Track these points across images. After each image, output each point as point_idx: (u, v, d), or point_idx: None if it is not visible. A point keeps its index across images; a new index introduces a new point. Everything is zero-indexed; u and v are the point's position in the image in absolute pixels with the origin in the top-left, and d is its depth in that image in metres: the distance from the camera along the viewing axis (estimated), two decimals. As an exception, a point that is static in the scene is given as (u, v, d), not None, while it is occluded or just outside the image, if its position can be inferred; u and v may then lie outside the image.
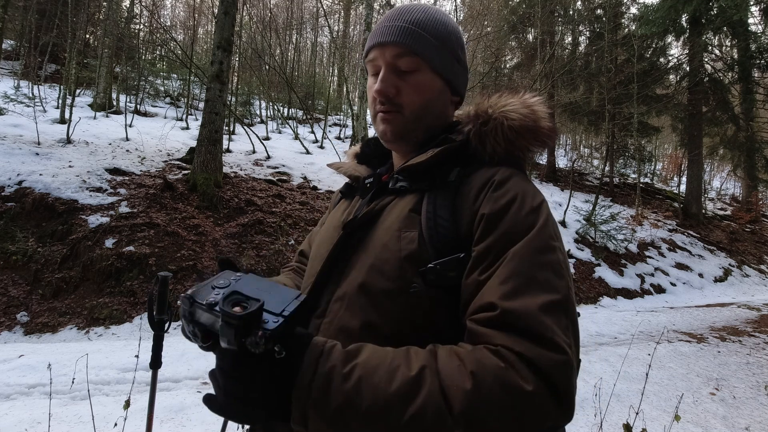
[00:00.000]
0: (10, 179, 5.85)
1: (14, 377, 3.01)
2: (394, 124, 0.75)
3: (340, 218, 0.80)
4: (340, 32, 21.75)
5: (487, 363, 0.49)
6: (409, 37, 0.72)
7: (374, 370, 0.50)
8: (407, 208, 0.68)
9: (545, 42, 14.24)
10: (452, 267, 0.60)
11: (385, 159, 0.89)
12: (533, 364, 0.49)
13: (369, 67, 0.78)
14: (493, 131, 0.70)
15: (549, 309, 0.53)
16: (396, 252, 0.64)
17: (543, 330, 0.51)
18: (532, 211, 0.62)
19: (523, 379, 0.48)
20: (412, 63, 0.73)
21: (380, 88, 0.73)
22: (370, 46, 0.76)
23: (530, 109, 0.71)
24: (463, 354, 0.52)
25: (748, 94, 13.03)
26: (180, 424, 2.55)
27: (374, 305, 0.63)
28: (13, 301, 4.63)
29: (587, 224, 9.54)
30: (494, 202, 0.63)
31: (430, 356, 0.53)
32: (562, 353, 0.51)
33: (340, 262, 0.70)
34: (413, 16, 0.74)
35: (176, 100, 15.06)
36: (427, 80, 0.75)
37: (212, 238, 6.09)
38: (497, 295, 0.54)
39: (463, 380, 0.48)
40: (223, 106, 7.42)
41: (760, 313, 6.96)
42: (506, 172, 0.68)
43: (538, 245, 0.58)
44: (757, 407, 3.35)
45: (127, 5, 15.36)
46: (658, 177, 20.27)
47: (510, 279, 0.55)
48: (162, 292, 1.33)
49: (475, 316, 0.56)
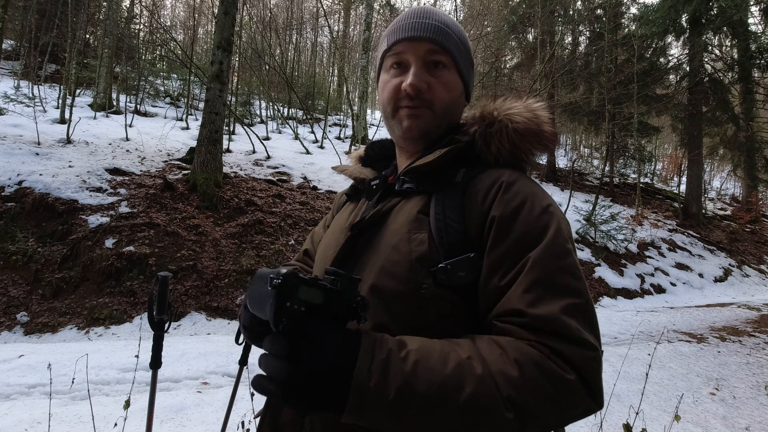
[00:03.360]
0: (10, 179, 5.85)
1: (14, 377, 3.01)
2: (423, 120, 0.74)
3: (346, 221, 0.80)
4: (340, 32, 21.76)
5: (529, 352, 0.53)
6: (442, 36, 0.74)
7: (428, 354, 0.52)
8: (415, 210, 0.69)
9: (545, 42, 14.24)
10: (463, 267, 0.61)
11: (389, 161, 0.89)
12: (569, 360, 0.53)
13: (390, 60, 0.76)
14: (498, 133, 0.71)
15: (573, 312, 0.56)
16: (406, 254, 0.64)
17: (570, 331, 0.54)
18: (543, 212, 0.64)
19: (563, 370, 0.52)
20: (445, 60, 0.74)
21: (415, 82, 0.72)
22: (396, 40, 0.75)
23: (533, 113, 0.73)
24: (503, 343, 0.54)
25: (748, 94, 13.03)
26: (180, 424, 2.55)
27: (385, 307, 0.63)
28: (13, 301, 4.63)
29: (587, 224, 9.54)
30: (505, 204, 0.64)
31: (473, 344, 0.55)
32: (593, 350, 0.55)
33: (348, 265, 0.70)
34: (441, 18, 0.76)
35: (176, 100, 15.06)
36: (454, 80, 0.76)
37: (212, 238, 6.09)
38: (524, 303, 0.56)
39: (508, 367, 0.51)
40: (223, 106, 7.42)
41: (760, 313, 6.96)
42: (514, 174, 0.69)
43: (555, 251, 0.60)
44: (757, 407, 3.35)
45: (127, 5, 15.38)
46: (658, 177, 20.28)
47: (534, 287, 0.57)
48: (162, 292, 1.33)
49: (504, 319, 0.58)
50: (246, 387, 2.14)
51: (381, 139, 0.94)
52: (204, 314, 5.09)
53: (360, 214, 0.78)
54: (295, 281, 0.48)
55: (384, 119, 0.81)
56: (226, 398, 2.77)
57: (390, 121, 0.78)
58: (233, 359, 3.51)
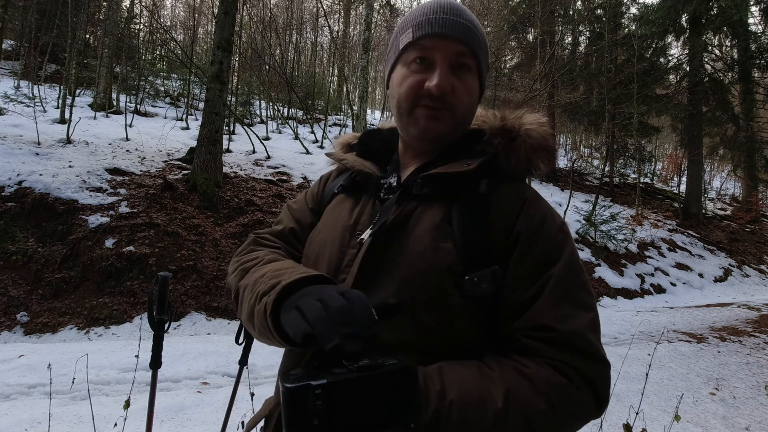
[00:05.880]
0: (10, 179, 5.85)
1: (14, 377, 3.01)
2: (442, 123, 0.71)
3: (348, 217, 0.75)
4: (340, 32, 21.75)
5: (554, 381, 0.57)
6: (472, 38, 0.71)
7: (468, 406, 0.54)
8: (438, 218, 0.67)
9: (545, 42, 14.22)
10: (486, 279, 0.62)
11: (389, 156, 0.83)
12: (587, 377, 0.58)
13: (413, 53, 0.71)
14: (518, 148, 0.72)
15: (592, 327, 0.62)
16: (434, 263, 0.63)
17: (593, 348, 0.60)
18: (560, 231, 0.68)
19: (580, 391, 0.58)
20: (471, 64, 0.72)
21: (442, 84, 0.68)
22: (424, 34, 0.70)
23: (543, 129, 0.74)
24: (530, 375, 0.57)
25: (748, 94, 13.03)
26: (180, 424, 2.55)
27: (413, 320, 0.62)
28: (13, 301, 4.63)
29: (587, 224, 9.54)
30: (529, 220, 0.66)
31: (504, 379, 0.57)
32: (606, 364, 0.61)
33: (365, 270, 0.66)
34: (469, 17, 0.72)
35: (176, 100, 15.05)
36: (475, 84, 0.74)
37: (212, 238, 6.09)
38: (553, 320, 0.60)
39: (538, 402, 0.55)
40: (223, 106, 7.42)
41: (760, 313, 6.96)
42: (531, 191, 0.72)
43: (573, 268, 0.65)
44: (757, 407, 3.35)
45: (127, 5, 15.38)
46: (658, 177, 20.27)
47: (560, 304, 0.61)
48: (162, 292, 1.34)
49: (531, 334, 0.61)
50: (246, 387, 2.14)
51: (378, 129, 0.89)
52: (204, 314, 5.09)
53: (371, 216, 0.73)
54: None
55: (396, 115, 0.76)
56: (226, 398, 2.76)
57: (404, 118, 0.74)
58: (233, 359, 3.51)
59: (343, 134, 0.97)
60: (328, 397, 0.43)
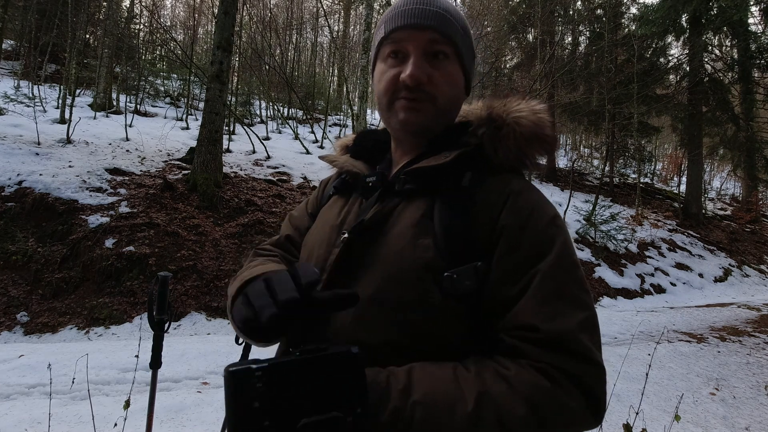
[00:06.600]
0: (10, 179, 5.86)
1: (14, 377, 3.01)
2: (423, 114, 0.69)
3: (337, 218, 0.75)
4: (340, 32, 21.76)
5: (537, 384, 0.53)
6: (445, 24, 0.69)
7: (434, 406, 0.51)
8: (419, 213, 0.65)
9: (545, 42, 14.23)
10: (469, 276, 0.59)
11: (382, 155, 0.82)
12: (577, 380, 0.53)
13: (387, 48, 0.71)
14: (505, 137, 0.68)
15: (585, 327, 0.57)
16: (413, 261, 0.61)
17: (583, 349, 0.55)
18: (551, 223, 0.63)
19: (568, 396, 0.53)
20: (448, 51, 0.70)
21: (415, 73, 0.66)
22: (395, 27, 0.69)
23: (537, 116, 0.70)
24: (510, 377, 0.54)
25: (748, 94, 13.03)
26: (180, 424, 2.55)
27: (393, 319, 0.60)
28: (13, 301, 4.63)
29: (587, 224, 9.54)
30: (516, 212, 0.63)
31: (479, 381, 0.53)
32: (600, 368, 0.56)
33: (345, 269, 0.66)
34: (443, 4, 0.70)
35: (176, 100, 15.05)
36: (456, 72, 0.72)
37: (212, 238, 6.09)
38: (539, 318, 0.56)
39: (516, 406, 0.51)
40: (223, 106, 7.42)
41: (760, 313, 6.96)
42: (521, 183, 0.67)
43: (564, 263, 0.60)
44: (757, 407, 3.35)
45: (127, 5, 15.39)
46: (658, 177, 20.28)
47: (547, 301, 0.57)
48: (162, 292, 1.34)
49: (515, 333, 0.57)
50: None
51: (373, 130, 0.89)
52: (204, 314, 5.09)
53: (357, 215, 0.72)
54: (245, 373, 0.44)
55: (380, 112, 0.75)
56: (226, 398, 2.76)
57: (386, 113, 0.73)
58: (233, 359, 3.50)
59: (343, 135, 0.96)
60: (270, 380, 0.44)
